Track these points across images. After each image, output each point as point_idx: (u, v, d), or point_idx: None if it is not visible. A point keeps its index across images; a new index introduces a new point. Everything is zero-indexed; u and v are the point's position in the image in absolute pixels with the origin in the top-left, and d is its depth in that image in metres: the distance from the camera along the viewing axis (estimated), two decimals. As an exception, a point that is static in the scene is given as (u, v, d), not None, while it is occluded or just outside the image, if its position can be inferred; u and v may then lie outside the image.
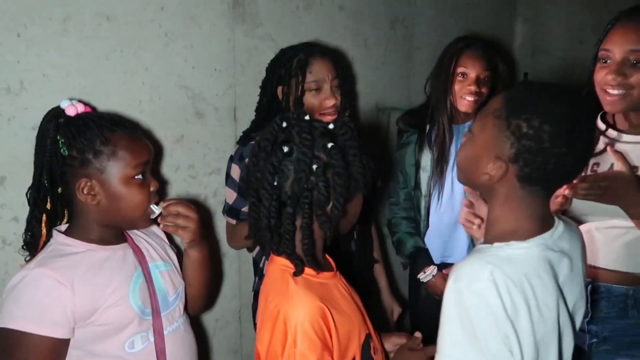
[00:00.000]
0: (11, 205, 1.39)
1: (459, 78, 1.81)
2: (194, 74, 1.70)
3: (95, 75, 1.48)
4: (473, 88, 1.79)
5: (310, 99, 1.56)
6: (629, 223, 1.32)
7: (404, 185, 1.96)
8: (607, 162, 1.39)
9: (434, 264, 1.90)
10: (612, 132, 1.41)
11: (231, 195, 1.60)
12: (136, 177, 1.15)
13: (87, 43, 1.45)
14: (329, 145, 0.99)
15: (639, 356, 1.43)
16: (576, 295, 1.02)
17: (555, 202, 1.26)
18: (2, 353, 1.04)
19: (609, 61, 1.32)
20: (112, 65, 1.51)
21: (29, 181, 1.38)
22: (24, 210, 1.38)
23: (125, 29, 1.52)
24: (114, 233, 1.21)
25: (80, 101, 1.19)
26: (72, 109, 1.16)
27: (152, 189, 1.19)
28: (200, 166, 1.77)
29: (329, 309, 0.99)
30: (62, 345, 1.07)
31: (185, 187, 1.74)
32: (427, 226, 1.94)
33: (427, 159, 1.89)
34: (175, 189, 1.71)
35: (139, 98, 1.57)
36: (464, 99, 1.81)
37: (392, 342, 1.22)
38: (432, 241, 1.95)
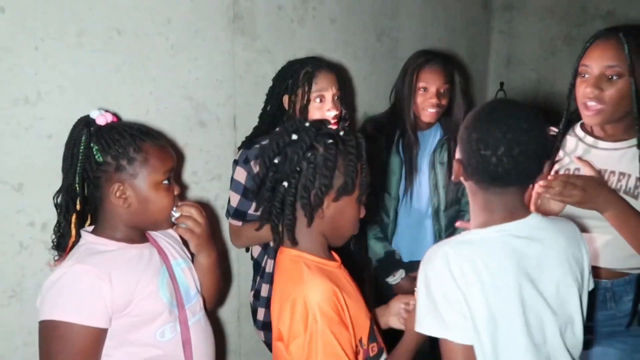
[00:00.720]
0: (28, 210, 1.44)
1: (421, 92, 1.95)
2: (197, 85, 1.78)
3: (107, 86, 1.55)
4: (434, 101, 1.94)
5: (313, 109, 1.67)
6: (605, 222, 1.42)
7: None
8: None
9: (402, 268, 2.02)
10: (589, 139, 1.54)
11: (235, 198, 1.69)
12: (163, 182, 1.24)
13: (99, 56, 1.52)
14: (329, 141, 1.12)
15: (616, 345, 1.55)
16: (557, 280, 1.11)
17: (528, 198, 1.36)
18: (49, 343, 1.11)
19: (587, 76, 1.43)
20: (122, 76, 1.58)
21: (45, 187, 1.45)
22: (40, 216, 1.46)
23: (135, 42, 1.60)
24: (138, 233, 1.29)
25: (107, 111, 1.27)
26: (102, 119, 1.24)
27: (175, 192, 1.28)
28: (203, 173, 1.85)
29: (340, 291, 1.11)
30: (102, 335, 1.16)
31: (188, 192, 1.82)
32: (395, 227, 2.06)
33: (395, 162, 2.01)
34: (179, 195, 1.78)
35: (146, 107, 1.64)
36: (427, 110, 1.95)
37: (396, 306, 1.35)
38: (401, 241, 2.07)
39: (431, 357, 1.30)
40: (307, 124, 1.15)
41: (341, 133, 1.15)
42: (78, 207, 1.25)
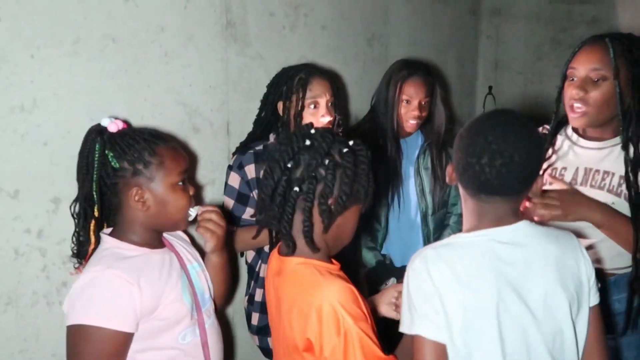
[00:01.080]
0: (24, 217, 1.45)
1: (404, 104, 2.00)
2: (191, 91, 1.80)
3: (102, 93, 1.56)
4: (416, 113, 1.99)
5: (308, 115, 1.70)
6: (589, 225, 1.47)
7: None
8: (573, 166, 1.57)
9: (395, 273, 2.05)
10: (576, 138, 1.62)
11: (229, 203, 1.71)
12: (179, 183, 1.28)
13: (94, 63, 1.54)
14: (345, 149, 1.14)
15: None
16: (545, 288, 1.07)
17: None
18: (79, 347, 1.14)
19: (574, 79, 1.50)
20: (117, 83, 1.59)
21: (41, 194, 1.46)
22: (36, 223, 1.46)
23: (129, 49, 1.61)
24: (156, 237, 1.33)
25: (117, 118, 1.30)
26: (113, 126, 1.27)
27: (191, 193, 1.32)
28: (197, 178, 1.87)
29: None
30: (130, 339, 1.19)
31: (183, 197, 1.83)
32: (387, 233, 2.10)
33: (381, 170, 2.05)
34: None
35: (141, 114, 1.66)
36: (409, 122, 2.01)
37: (389, 295, 1.39)
38: (393, 247, 2.11)
39: None
40: (316, 131, 1.16)
41: (351, 143, 1.17)
42: (96, 214, 1.28)
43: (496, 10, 3.22)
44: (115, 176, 1.24)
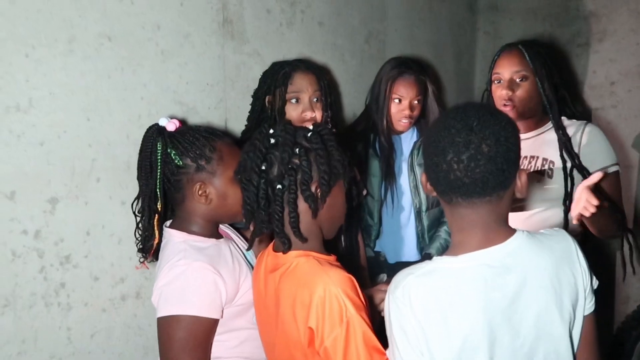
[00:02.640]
0: (21, 218, 1.43)
1: (395, 102, 1.99)
2: (188, 90, 1.79)
3: (98, 92, 1.55)
4: (407, 112, 1.98)
5: (290, 110, 1.69)
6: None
7: None
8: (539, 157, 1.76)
9: (387, 269, 2.05)
10: None
11: None
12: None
13: (90, 62, 1.52)
14: (309, 134, 1.16)
15: None
16: (537, 311, 0.99)
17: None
18: (175, 336, 1.19)
19: (500, 81, 1.74)
20: (114, 82, 1.58)
21: (37, 195, 1.45)
22: (32, 224, 1.45)
23: (125, 48, 1.60)
24: (215, 227, 1.40)
25: (173, 117, 1.35)
26: (172, 125, 1.34)
27: None
28: (195, 177, 1.85)
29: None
30: (217, 324, 1.27)
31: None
32: (380, 229, 2.09)
33: (375, 165, 2.05)
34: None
35: (138, 113, 1.64)
36: (400, 121, 2.00)
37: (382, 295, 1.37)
38: (386, 243, 2.10)
39: None
40: (276, 129, 1.18)
41: (311, 126, 1.20)
42: (160, 209, 1.34)
43: (493, 6, 3.21)
44: (179, 173, 1.31)
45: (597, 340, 1.09)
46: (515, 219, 1.71)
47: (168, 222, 1.39)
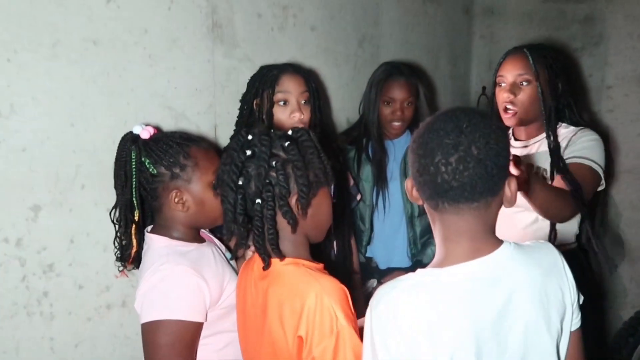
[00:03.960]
0: (1, 226, 1.40)
1: (385, 105, 2.00)
2: (177, 95, 1.76)
3: (84, 98, 1.52)
4: (398, 114, 1.99)
5: (278, 113, 1.67)
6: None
7: None
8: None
9: (378, 275, 2.04)
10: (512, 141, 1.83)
11: None
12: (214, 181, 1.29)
13: (75, 67, 1.49)
14: (286, 143, 1.11)
15: None
16: (525, 324, 0.95)
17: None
18: (160, 341, 1.18)
19: (503, 84, 1.73)
20: (99, 87, 1.55)
21: (19, 202, 1.42)
22: (14, 231, 1.42)
23: (111, 52, 1.57)
24: (196, 232, 1.39)
25: (147, 124, 1.34)
26: (145, 132, 1.32)
27: None
28: (183, 183, 1.82)
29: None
30: (201, 328, 1.26)
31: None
32: (371, 235, 2.07)
33: (367, 171, 2.03)
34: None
35: (124, 119, 1.61)
36: (392, 124, 2.01)
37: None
38: (377, 249, 2.09)
39: None
40: (251, 136, 1.14)
41: (290, 132, 1.16)
42: (137, 218, 1.33)
43: (489, 10, 3.19)
44: (154, 181, 1.29)
45: (584, 356, 1.06)
46: (512, 227, 1.69)
47: (149, 228, 1.37)
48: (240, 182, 1.10)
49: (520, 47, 1.75)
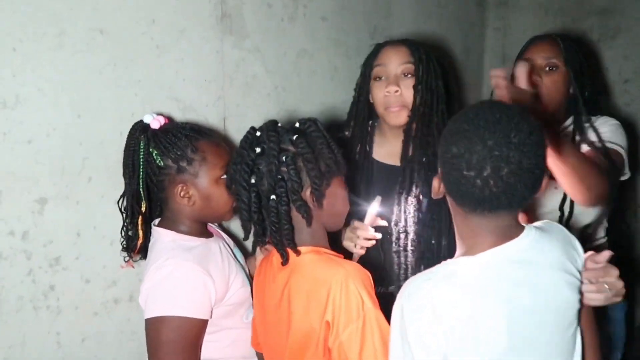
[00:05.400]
0: (7, 219, 1.38)
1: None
2: (185, 86, 1.72)
3: (89, 89, 1.49)
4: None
5: (375, 90, 1.56)
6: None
7: None
8: None
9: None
10: None
11: None
12: (222, 176, 1.29)
13: (81, 57, 1.46)
14: (294, 137, 1.10)
15: None
16: (557, 300, 0.99)
17: None
18: (163, 337, 1.17)
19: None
20: (105, 78, 1.52)
21: (25, 195, 1.40)
22: (20, 225, 1.40)
23: (118, 42, 1.54)
24: (204, 227, 1.37)
25: (159, 114, 1.31)
26: (156, 122, 1.29)
27: None
28: (191, 176, 1.80)
29: None
30: (206, 325, 1.25)
31: (176, 197, 1.76)
32: None
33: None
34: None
35: (131, 110, 1.58)
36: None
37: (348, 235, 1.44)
38: None
39: None
40: (260, 132, 1.13)
41: (297, 124, 1.15)
42: (143, 209, 1.31)
43: (503, 2, 3.12)
44: (160, 174, 1.27)
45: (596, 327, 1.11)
46: None
47: (157, 221, 1.35)
48: (252, 181, 1.09)
49: (549, 34, 1.69)
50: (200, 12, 1.74)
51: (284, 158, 1.08)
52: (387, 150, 1.64)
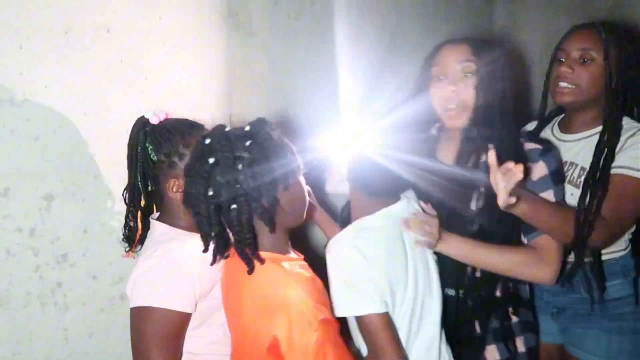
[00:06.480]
0: (15, 216, 1.39)
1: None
2: (191, 83, 1.72)
3: (96, 86, 1.49)
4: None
5: (432, 90, 1.44)
6: None
7: None
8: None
9: None
10: (557, 132, 1.65)
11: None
12: None
13: (87, 54, 1.46)
14: (247, 143, 1.08)
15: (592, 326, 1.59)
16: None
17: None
18: (144, 328, 1.18)
19: (563, 59, 1.53)
20: (112, 75, 1.52)
21: (32, 192, 1.40)
22: (27, 221, 1.41)
23: (125, 39, 1.54)
24: None
25: (162, 111, 1.34)
26: (155, 118, 1.32)
27: None
28: (198, 173, 1.80)
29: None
30: (189, 318, 1.25)
31: (183, 194, 1.77)
32: None
33: None
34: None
35: (137, 107, 1.58)
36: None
37: None
38: None
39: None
40: (209, 140, 1.11)
41: (247, 128, 1.13)
42: (142, 202, 1.34)
43: (511, -2, 3.10)
44: (155, 168, 1.29)
45: None
46: None
47: (156, 214, 1.37)
48: (210, 193, 1.07)
49: (592, 23, 1.53)
50: (207, 10, 1.74)
51: (240, 166, 1.06)
52: (448, 151, 1.52)
